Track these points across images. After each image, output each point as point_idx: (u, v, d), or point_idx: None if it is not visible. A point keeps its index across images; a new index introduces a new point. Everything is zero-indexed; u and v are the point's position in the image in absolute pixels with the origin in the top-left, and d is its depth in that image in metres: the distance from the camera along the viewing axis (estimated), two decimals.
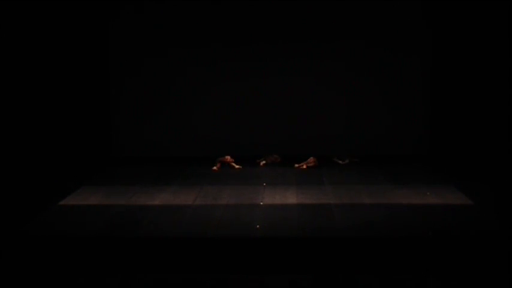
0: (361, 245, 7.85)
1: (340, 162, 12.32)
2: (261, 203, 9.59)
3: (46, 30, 11.69)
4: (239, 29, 12.67)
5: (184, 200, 9.82)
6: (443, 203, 9.50)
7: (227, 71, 12.74)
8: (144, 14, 12.65)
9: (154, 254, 7.73)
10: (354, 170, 11.77)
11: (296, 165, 12.00)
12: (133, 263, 7.61)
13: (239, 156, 12.34)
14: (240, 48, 12.69)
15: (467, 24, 12.01)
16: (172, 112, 12.83)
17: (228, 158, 12.18)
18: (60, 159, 11.68)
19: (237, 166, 12.07)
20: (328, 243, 7.88)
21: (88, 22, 12.35)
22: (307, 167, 11.95)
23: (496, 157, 11.33)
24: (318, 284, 7.08)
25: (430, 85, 12.62)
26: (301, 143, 12.70)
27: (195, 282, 7.12)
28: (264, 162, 12.32)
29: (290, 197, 9.90)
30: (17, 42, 11.07)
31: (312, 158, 12.05)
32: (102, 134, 12.67)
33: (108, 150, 12.76)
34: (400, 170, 11.72)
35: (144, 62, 12.74)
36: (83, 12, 12.24)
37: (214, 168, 11.96)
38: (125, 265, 7.57)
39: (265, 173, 11.70)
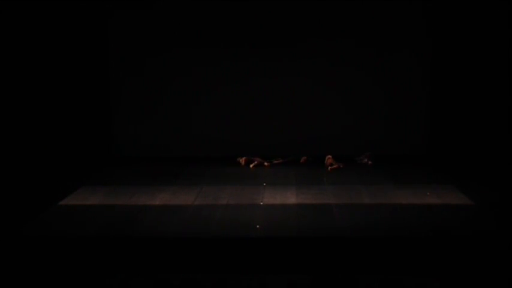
0: (361, 245, 7.84)
1: (370, 162, 12.22)
2: (261, 203, 9.58)
3: (45, 29, 11.70)
4: (240, 30, 12.66)
5: (184, 200, 9.82)
6: (443, 203, 9.50)
7: (227, 71, 12.73)
8: (145, 13, 12.63)
9: (154, 254, 7.73)
10: (354, 170, 11.75)
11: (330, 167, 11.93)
12: (133, 263, 7.61)
13: (239, 156, 12.35)
14: (240, 49, 12.68)
15: (467, 24, 12.01)
16: (173, 112, 12.82)
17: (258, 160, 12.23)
18: (60, 159, 11.68)
19: (252, 165, 12.10)
20: (328, 243, 7.87)
21: (88, 21, 12.34)
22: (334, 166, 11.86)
23: (496, 157, 11.34)
24: (318, 284, 7.07)
25: (430, 85, 12.61)
26: (301, 143, 12.69)
27: (194, 282, 7.12)
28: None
29: (290, 197, 9.89)
30: (17, 42, 11.08)
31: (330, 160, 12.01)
32: (102, 134, 12.66)
33: (108, 150, 12.74)
34: (400, 170, 11.71)
35: (144, 62, 12.72)
36: (83, 11, 12.23)
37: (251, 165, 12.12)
38: (124, 265, 7.57)
39: (265, 173, 11.70)
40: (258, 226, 8.44)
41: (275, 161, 12.37)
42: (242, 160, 12.24)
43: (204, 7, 12.59)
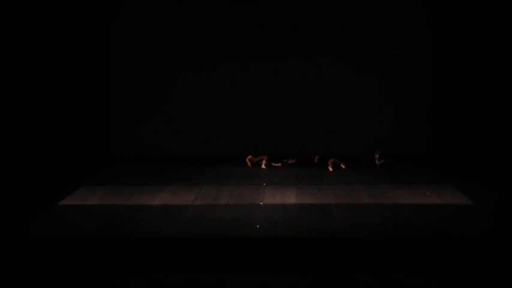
0: (361, 245, 7.85)
1: (377, 162, 12.23)
2: (261, 203, 9.59)
3: (47, 31, 11.71)
4: (240, 29, 12.66)
5: (184, 200, 9.82)
6: (443, 203, 9.50)
7: (227, 70, 12.73)
8: (144, 14, 12.63)
9: (154, 254, 7.74)
10: (354, 170, 11.75)
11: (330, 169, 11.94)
12: (133, 263, 7.61)
13: (239, 156, 12.35)
14: (240, 48, 12.68)
15: (468, 24, 12.01)
16: (172, 112, 12.82)
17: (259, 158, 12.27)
18: (60, 159, 11.69)
19: (263, 165, 12.13)
20: (328, 243, 7.88)
21: (88, 23, 12.35)
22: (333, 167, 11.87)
23: (496, 157, 11.34)
24: (318, 284, 7.08)
25: (431, 85, 12.61)
26: (301, 143, 12.68)
27: (194, 282, 7.12)
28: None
29: (290, 197, 9.89)
30: (18, 43, 11.09)
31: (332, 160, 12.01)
32: (102, 134, 12.67)
33: (108, 150, 12.75)
34: (400, 170, 11.72)
35: (144, 62, 12.73)
36: (83, 13, 12.24)
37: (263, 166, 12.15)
38: (124, 265, 7.57)
39: (265, 173, 11.70)
40: (258, 226, 8.44)
41: (289, 161, 12.36)
42: (249, 160, 12.22)
43: (206, 7, 12.59)
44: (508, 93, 11.42)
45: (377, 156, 12.23)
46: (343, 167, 11.88)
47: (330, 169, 11.78)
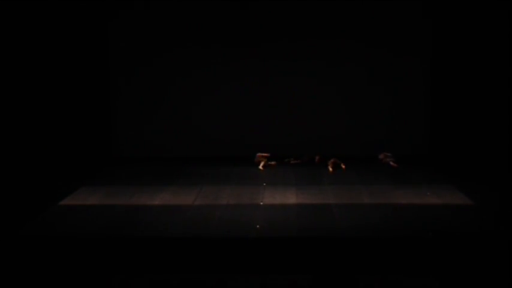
0: (361, 245, 7.85)
1: (386, 159, 12.25)
2: (261, 203, 9.59)
3: (46, 31, 11.72)
4: (240, 29, 12.66)
5: (184, 200, 9.82)
6: (443, 203, 9.50)
7: (227, 71, 12.73)
8: (144, 14, 12.63)
9: (154, 254, 7.74)
10: (354, 170, 11.75)
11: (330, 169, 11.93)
12: (133, 263, 7.61)
13: (239, 156, 12.35)
14: (240, 49, 12.68)
15: (467, 24, 12.01)
16: (173, 112, 12.82)
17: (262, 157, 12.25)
18: (60, 160, 11.70)
19: (261, 166, 12.11)
20: (328, 243, 7.88)
21: (88, 23, 12.35)
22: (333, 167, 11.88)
23: (496, 157, 11.35)
24: (318, 284, 7.08)
25: (431, 85, 12.61)
26: (302, 143, 12.68)
27: (194, 282, 7.12)
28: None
29: (290, 197, 9.89)
30: (18, 44, 11.10)
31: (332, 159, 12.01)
32: (102, 134, 12.67)
33: (108, 150, 12.75)
34: (400, 170, 11.72)
35: (144, 62, 12.72)
36: (83, 12, 12.24)
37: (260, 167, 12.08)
38: (124, 265, 7.58)
39: (265, 173, 11.70)
40: (258, 226, 8.45)
41: (291, 161, 12.35)
42: (260, 158, 12.22)
43: (205, 7, 12.59)
44: (507, 93, 11.42)
45: (388, 159, 12.24)
46: (343, 167, 11.90)
47: (330, 169, 11.79)
